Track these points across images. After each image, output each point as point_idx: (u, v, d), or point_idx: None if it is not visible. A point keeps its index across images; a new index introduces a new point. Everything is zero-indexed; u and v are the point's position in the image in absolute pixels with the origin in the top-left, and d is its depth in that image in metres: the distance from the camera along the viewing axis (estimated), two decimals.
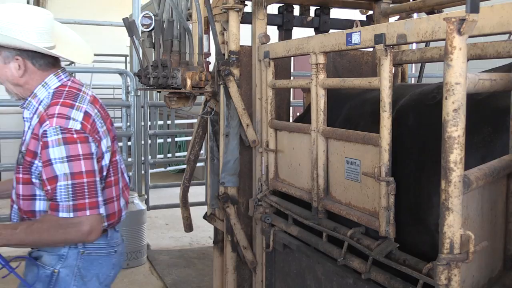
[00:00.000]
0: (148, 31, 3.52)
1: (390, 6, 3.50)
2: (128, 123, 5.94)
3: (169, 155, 7.85)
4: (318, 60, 2.54)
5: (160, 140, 8.49)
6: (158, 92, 5.12)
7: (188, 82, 3.20)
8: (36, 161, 2.11)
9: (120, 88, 6.88)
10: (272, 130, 3.06)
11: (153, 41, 3.54)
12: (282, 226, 2.92)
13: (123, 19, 3.47)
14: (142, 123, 6.11)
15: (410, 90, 2.53)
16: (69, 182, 2.02)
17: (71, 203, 2.02)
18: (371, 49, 2.65)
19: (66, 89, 2.21)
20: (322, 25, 3.61)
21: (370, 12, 3.67)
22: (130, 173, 5.94)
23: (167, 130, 7.89)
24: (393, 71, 2.18)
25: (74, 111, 2.11)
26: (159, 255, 5.58)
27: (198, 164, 5.84)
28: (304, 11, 3.74)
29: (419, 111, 2.31)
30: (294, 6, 3.57)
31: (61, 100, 2.13)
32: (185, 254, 5.64)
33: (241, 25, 3.20)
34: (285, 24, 3.52)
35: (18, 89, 2.23)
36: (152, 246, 5.81)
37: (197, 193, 6.16)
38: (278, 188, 3.03)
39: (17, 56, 2.15)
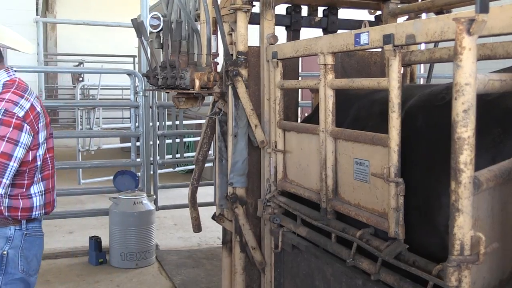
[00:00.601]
0: (157, 32, 3.53)
1: (399, 6, 3.49)
2: (137, 124, 5.95)
3: (178, 155, 7.86)
4: (327, 61, 2.54)
5: (169, 141, 8.50)
6: (166, 92, 5.13)
7: (197, 82, 3.21)
8: None
9: (129, 89, 6.89)
10: (281, 131, 3.06)
11: (162, 42, 3.54)
12: (290, 226, 2.92)
13: (131, 20, 3.48)
14: (151, 124, 6.13)
15: (419, 90, 2.52)
16: None
17: None
18: (379, 50, 2.64)
19: (16, 83, 2.42)
20: (330, 25, 3.60)
21: (379, 13, 3.66)
22: (139, 174, 5.96)
23: (175, 131, 7.90)
24: (402, 72, 2.17)
25: (23, 100, 2.35)
26: (168, 255, 5.59)
27: (207, 165, 5.82)
28: (312, 11, 3.74)
29: (428, 112, 2.30)
30: (302, 6, 3.56)
31: (13, 89, 2.37)
32: (193, 255, 5.65)
33: (249, 25, 3.20)
34: (293, 25, 3.52)
35: None
36: (161, 246, 5.83)
37: (205, 193, 6.17)
38: (286, 189, 3.03)
39: None
